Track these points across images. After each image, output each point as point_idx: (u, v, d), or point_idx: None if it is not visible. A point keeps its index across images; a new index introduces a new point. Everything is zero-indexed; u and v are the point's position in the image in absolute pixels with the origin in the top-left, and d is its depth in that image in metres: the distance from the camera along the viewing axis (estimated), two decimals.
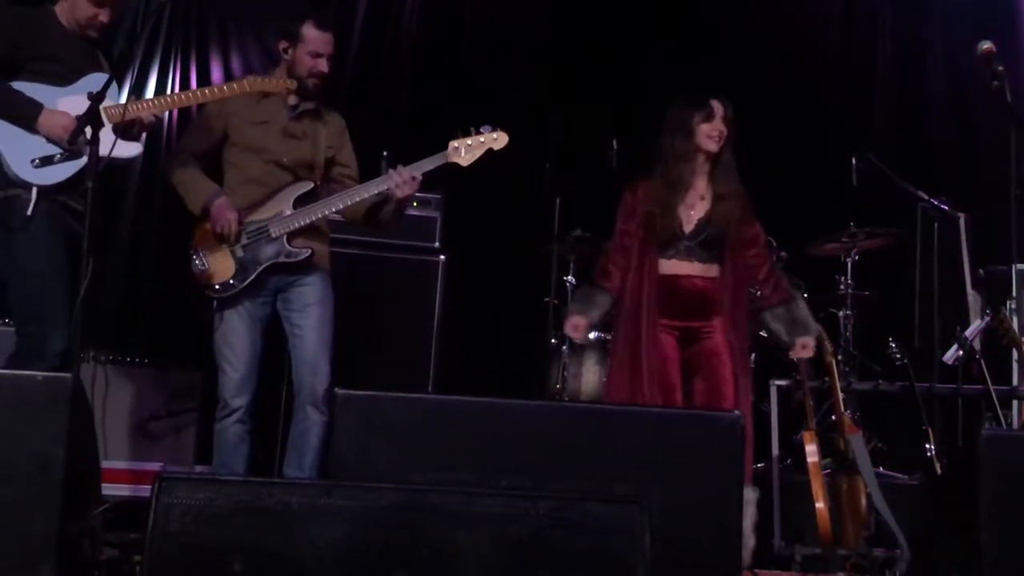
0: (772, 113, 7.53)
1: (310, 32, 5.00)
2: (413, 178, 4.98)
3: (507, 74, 7.78)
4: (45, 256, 4.37)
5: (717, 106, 5.17)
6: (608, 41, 7.91)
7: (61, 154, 4.43)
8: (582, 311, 5.22)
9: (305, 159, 5.08)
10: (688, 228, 5.13)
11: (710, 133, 5.13)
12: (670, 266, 5.14)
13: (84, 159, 4.41)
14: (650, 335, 5.05)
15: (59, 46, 4.57)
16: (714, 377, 5.08)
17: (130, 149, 4.61)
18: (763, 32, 8.00)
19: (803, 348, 5.18)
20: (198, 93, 4.87)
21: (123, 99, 5.03)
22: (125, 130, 4.52)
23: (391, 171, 5.02)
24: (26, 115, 4.42)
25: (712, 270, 5.15)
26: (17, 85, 4.47)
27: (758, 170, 5.40)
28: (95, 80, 4.49)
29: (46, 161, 4.43)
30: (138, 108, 4.57)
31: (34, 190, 4.38)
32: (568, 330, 5.27)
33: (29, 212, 4.36)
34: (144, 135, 4.70)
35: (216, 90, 4.91)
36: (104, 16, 4.63)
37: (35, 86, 4.47)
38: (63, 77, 4.50)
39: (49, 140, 4.44)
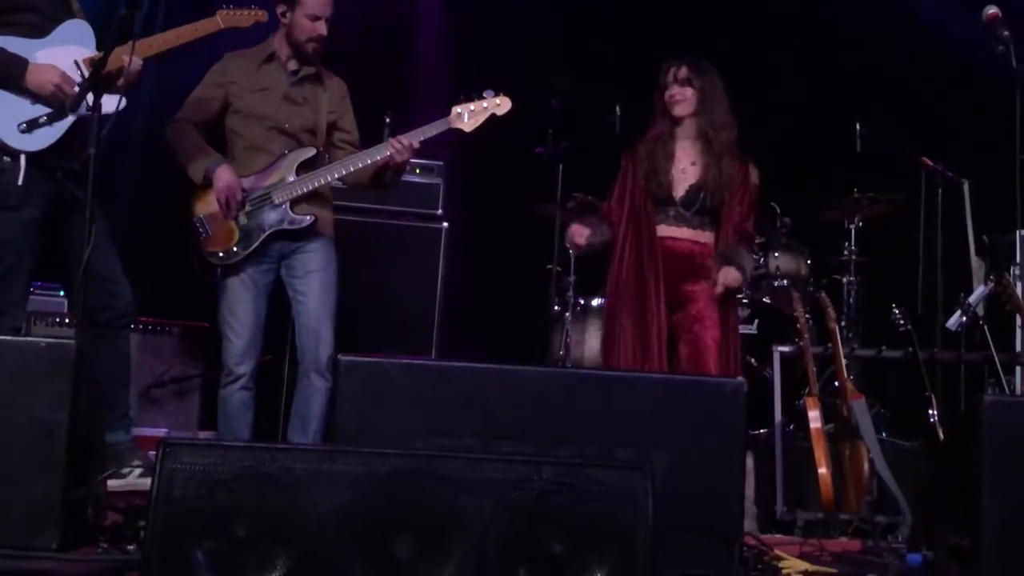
0: (776, 78, 7.51)
1: None
2: (411, 145, 4.97)
3: (510, 38, 7.73)
4: (20, 228, 4.16)
5: (672, 70, 5.16)
6: (611, 4, 7.87)
7: (48, 115, 4.20)
8: (582, 222, 5.20)
9: (307, 124, 5.06)
10: (678, 194, 5.12)
11: (669, 97, 5.14)
12: (659, 230, 5.14)
13: (71, 119, 4.23)
14: (651, 306, 5.05)
15: None
16: (697, 343, 5.08)
17: (112, 102, 4.25)
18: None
19: (725, 279, 5.06)
20: (172, 34, 4.57)
21: None
22: (107, 82, 4.22)
23: (390, 139, 5.03)
24: (11, 73, 4.16)
25: (703, 236, 5.15)
26: None
27: (762, 136, 5.38)
28: (72, 28, 4.29)
29: (33, 125, 4.19)
30: (117, 58, 4.26)
31: (22, 158, 4.15)
32: (572, 235, 5.20)
33: (20, 182, 4.13)
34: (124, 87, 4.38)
35: (190, 29, 4.65)
36: None
37: (12, 39, 4.20)
38: (40, 28, 4.23)
39: (36, 100, 4.20)
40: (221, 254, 4.92)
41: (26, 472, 3.29)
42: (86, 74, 4.27)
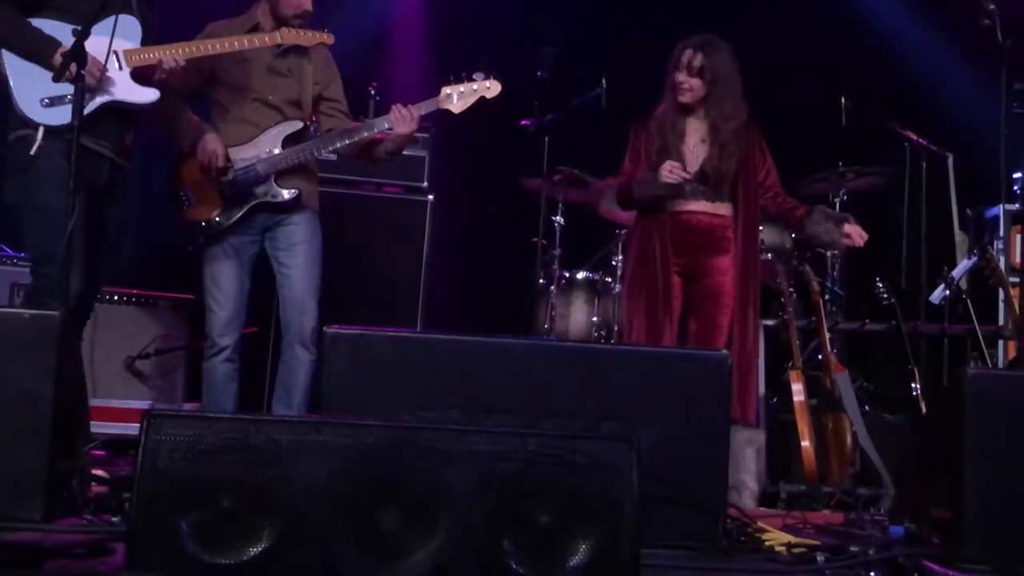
0: (761, 51, 7.48)
1: None
2: (414, 115, 4.98)
3: (497, 11, 7.70)
4: (59, 196, 4.14)
5: (685, 54, 5.13)
6: None
7: (71, 95, 4.21)
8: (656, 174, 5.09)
9: (292, 97, 5.04)
10: (692, 169, 5.10)
11: (676, 84, 5.12)
12: (674, 204, 5.13)
13: (98, 99, 4.32)
14: (663, 279, 5.05)
15: None
16: (708, 320, 5.10)
17: (145, 95, 4.48)
18: None
19: (859, 235, 5.16)
20: (224, 43, 4.71)
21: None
22: (143, 75, 4.43)
23: (393, 106, 5.00)
24: (44, 52, 4.25)
25: (721, 208, 5.14)
26: (36, 22, 4.31)
27: (750, 111, 5.37)
28: (120, 21, 4.34)
29: (56, 100, 4.27)
30: (158, 54, 4.46)
31: (40, 129, 4.22)
32: (671, 170, 5.02)
33: (33, 152, 4.21)
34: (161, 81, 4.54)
35: (245, 40, 4.78)
36: None
37: (56, 24, 4.30)
38: (84, 16, 4.22)
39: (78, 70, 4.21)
40: (203, 224, 4.90)
41: (11, 443, 3.28)
42: (125, 67, 4.38)
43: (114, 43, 4.32)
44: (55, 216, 4.11)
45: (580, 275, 6.49)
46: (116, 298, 5.81)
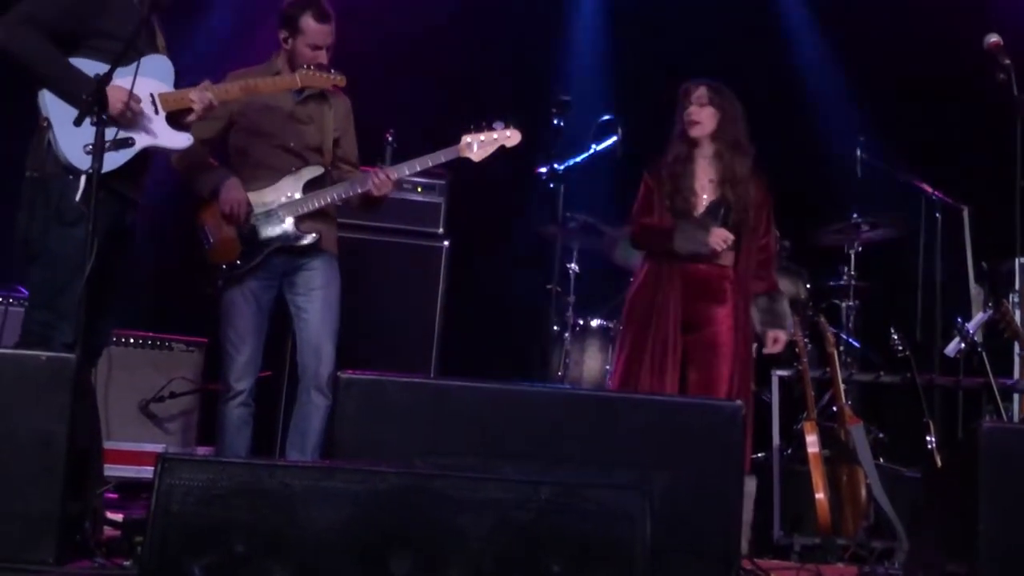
0: (779, 102, 7.52)
1: (309, 24, 4.97)
2: (389, 179, 5.03)
3: (514, 62, 7.75)
4: (79, 245, 4.10)
5: (691, 89, 5.17)
6: (614, 28, 7.90)
7: (114, 140, 4.20)
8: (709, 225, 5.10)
9: (313, 143, 5.07)
10: (699, 212, 5.12)
11: (686, 118, 5.16)
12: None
13: (138, 145, 4.31)
14: (671, 328, 5.05)
15: (121, 23, 4.32)
16: (710, 371, 5.09)
17: (180, 139, 4.47)
18: (768, 23, 7.98)
19: (774, 342, 5.18)
20: (253, 84, 4.74)
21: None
22: (177, 119, 4.43)
23: (372, 171, 5.07)
24: (79, 90, 4.17)
25: (725, 257, 5.14)
26: (74, 61, 4.27)
27: (764, 159, 5.39)
28: (153, 62, 4.34)
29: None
30: (193, 96, 4.45)
31: (83, 177, 4.13)
32: (725, 240, 5.06)
33: (77, 198, 4.12)
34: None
35: (270, 82, 4.83)
36: None
37: (93, 63, 4.24)
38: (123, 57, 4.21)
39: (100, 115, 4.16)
40: (224, 267, 4.92)
41: (24, 484, 3.28)
42: (161, 110, 4.38)
43: (149, 84, 4.32)
44: (68, 264, 4.09)
45: (594, 322, 6.49)
46: (131, 341, 5.82)
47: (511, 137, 5.16)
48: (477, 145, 5.12)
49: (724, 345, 5.09)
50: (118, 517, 4.01)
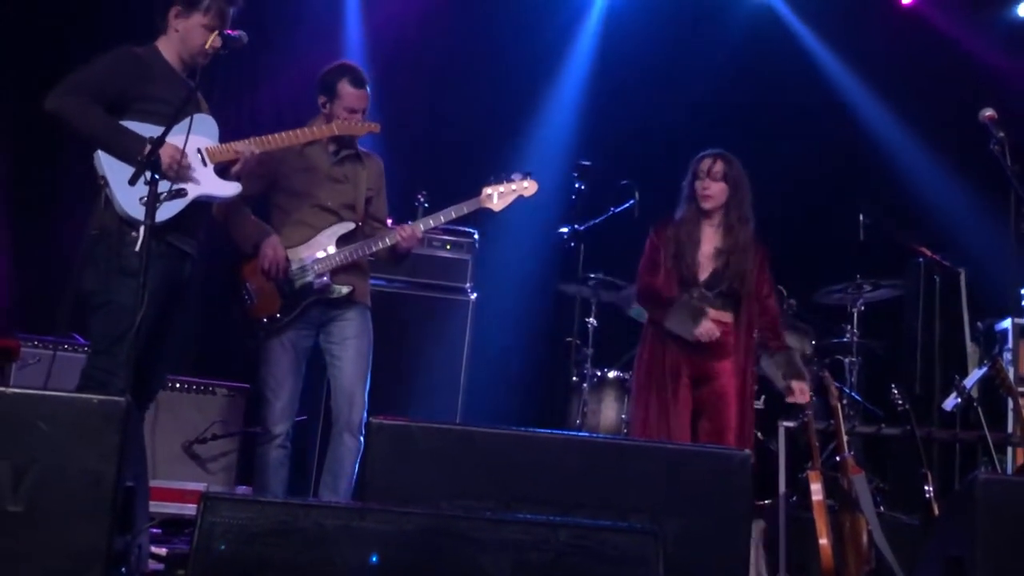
0: (786, 170, 7.54)
1: (345, 89, 5.03)
2: (415, 234, 5.08)
3: (540, 130, 7.81)
4: (136, 294, 4.08)
5: (706, 163, 5.20)
6: (629, 101, 7.95)
7: (167, 192, 4.24)
8: (699, 314, 5.10)
9: (347, 201, 5.10)
10: (702, 276, 5.14)
11: (700, 191, 5.17)
12: None
13: (189, 196, 4.35)
14: (674, 385, 5.06)
15: (164, 87, 4.43)
16: (719, 419, 5.11)
17: (229, 188, 4.53)
18: (776, 96, 8.01)
19: (800, 392, 5.15)
20: (291, 135, 4.77)
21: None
22: (224, 170, 4.48)
23: (397, 227, 5.11)
24: (131, 148, 4.23)
25: (725, 316, 5.17)
26: (123, 123, 4.33)
27: (772, 223, 5.40)
28: (198, 121, 4.37)
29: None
30: (239, 147, 4.51)
31: (142, 228, 4.12)
32: (709, 333, 5.08)
33: (137, 248, 4.12)
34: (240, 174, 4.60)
35: (308, 132, 4.87)
36: (216, 42, 4.43)
37: (140, 124, 4.32)
38: (168, 116, 4.26)
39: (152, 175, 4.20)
40: (265, 320, 4.94)
41: (74, 519, 3.27)
42: (209, 163, 4.44)
43: (196, 141, 4.36)
44: (128, 313, 4.07)
45: (611, 374, 6.49)
46: (177, 386, 5.84)
47: (528, 187, 5.18)
48: (497, 196, 5.15)
49: (730, 394, 5.12)
50: (162, 551, 4.00)
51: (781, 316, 6.43)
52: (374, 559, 2.69)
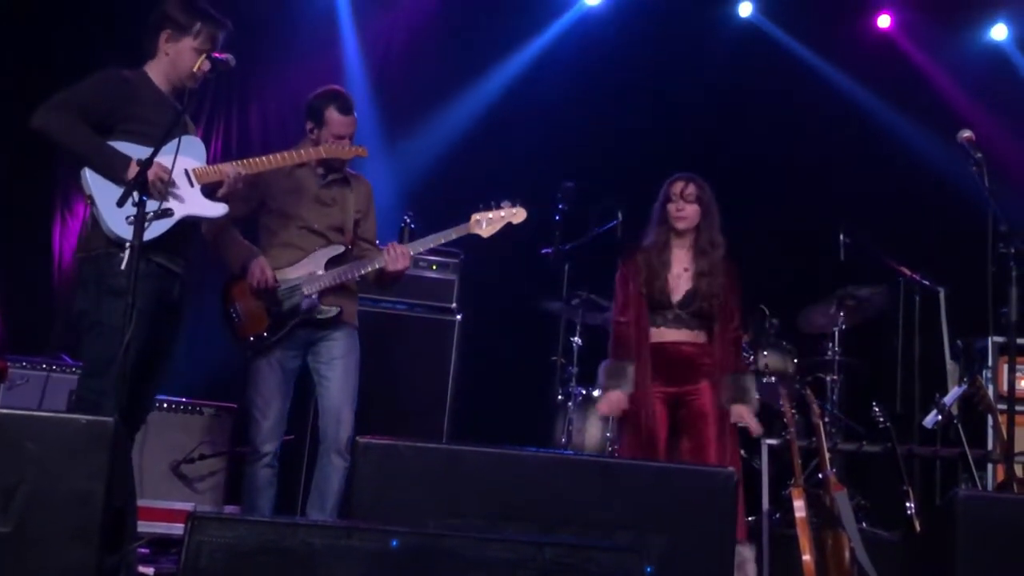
0: (768, 192, 7.58)
1: (333, 116, 5.05)
2: (405, 253, 5.06)
3: (524, 150, 7.83)
4: (124, 315, 4.05)
5: (678, 186, 5.22)
6: (615, 116, 7.99)
7: (155, 212, 4.21)
8: (617, 386, 5.12)
9: (335, 223, 5.11)
10: (676, 298, 5.15)
11: (673, 212, 5.19)
12: (659, 333, 5.17)
13: (176, 217, 4.33)
14: (644, 398, 5.07)
15: (151, 108, 4.42)
16: (699, 437, 5.10)
17: (217, 208, 4.51)
18: (759, 114, 8.06)
19: (738, 416, 5.12)
20: (278, 157, 4.76)
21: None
22: (212, 191, 4.48)
23: (387, 247, 5.09)
24: (116, 166, 4.25)
25: (700, 336, 5.18)
26: (109, 143, 4.32)
27: (755, 244, 5.42)
28: (185, 142, 4.33)
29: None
30: (225, 169, 4.51)
31: (128, 247, 4.11)
32: (609, 406, 5.16)
33: (123, 267, 4.10)
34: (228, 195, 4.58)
35: (295, 155, 4.87)
36: (205, 65, 4.45)
37: (126, 144, 4.32)
38: (155, 138, 4.24)
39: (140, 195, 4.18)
40: (252, 339, 4.94)
41: (63, 538, 3.27)
42: (196, 183, 4.43)
43: (183, 161, 4.34)
44: (119, 335, 4.02)
45: (596, 392, 6.48)
46: (165, 406, 5.82)
47: (517, 214, 5.20)
48: (486, 222, 5.17)
49: (709, 412, 5.10)
50: (150, 571, 3.99)
51: (761, 335, 6.48)
52: None
